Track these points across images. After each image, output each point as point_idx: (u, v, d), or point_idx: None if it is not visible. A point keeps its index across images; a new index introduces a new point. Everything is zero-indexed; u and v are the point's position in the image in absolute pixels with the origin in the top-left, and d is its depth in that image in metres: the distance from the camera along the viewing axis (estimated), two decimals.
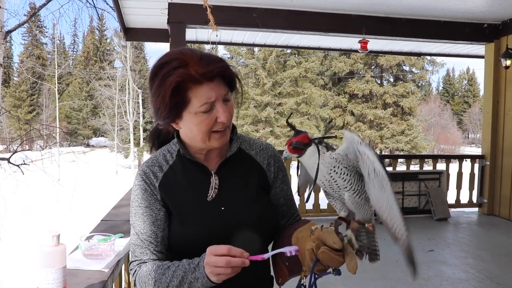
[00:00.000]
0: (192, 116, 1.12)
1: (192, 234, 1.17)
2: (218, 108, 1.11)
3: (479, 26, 6.06)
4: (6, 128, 29.08)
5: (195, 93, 1.09)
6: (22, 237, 11.90)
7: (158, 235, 1.19)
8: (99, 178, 24.16)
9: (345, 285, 3.64)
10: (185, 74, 1.08)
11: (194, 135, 1.16)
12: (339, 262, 1.02)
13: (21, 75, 40.96)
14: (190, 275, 1.07)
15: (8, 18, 9.84)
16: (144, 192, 1.20)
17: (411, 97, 30.56)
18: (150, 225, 1.18)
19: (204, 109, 1.10)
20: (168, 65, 1.10)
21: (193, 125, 1.14)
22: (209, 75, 1.08)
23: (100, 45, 44.01)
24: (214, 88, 1.10)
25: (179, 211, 1.19)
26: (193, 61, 1.09)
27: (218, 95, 1.11)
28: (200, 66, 1.08)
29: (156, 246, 1.19)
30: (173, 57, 1.11)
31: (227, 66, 1.14)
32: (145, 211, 1.19)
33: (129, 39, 7.03)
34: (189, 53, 1.11)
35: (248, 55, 30.44)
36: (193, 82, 1.08)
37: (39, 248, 1.07)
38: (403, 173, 6.35)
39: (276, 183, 1.30)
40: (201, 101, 1.09)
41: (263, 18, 5.40)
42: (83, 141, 43.00)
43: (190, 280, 1.07)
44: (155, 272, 1.13)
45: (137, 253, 1.20)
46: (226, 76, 1.13)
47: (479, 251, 4.74)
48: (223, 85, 1.12)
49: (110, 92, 30.21)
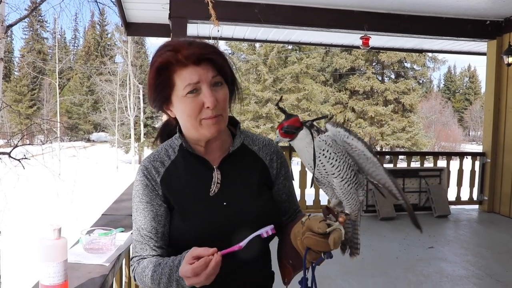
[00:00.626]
0: (179, 100, 1.13)
1: (194, 229, 1.16)
2: (204, 92, 1.11)
3: (481, 23, 6.04)
4: (7, 123, 29.12)
5: (179, 76, 1.11)
6: (22, 231, 11.93)
7: (158, 230, 1.19)
8: (99, 173, 24.20)
9: (345, 281, 3.65)
10: (171, 57, 1.10)
11: (185, 121, 1.16)
12: (325, 245, 1.01)
13: (22, 70, 40.96)
14: (175, 274, 1.09)
15: (9, 12, 9.82)
16: (145, 188, 1.19)
17: (412, 94, 30.54)
18: (150, 220, 1.18)
19: (188, 90, 1.10)
20: (160, 50, 1.14)
21: (181, 110, 1.14)
22: (193, 57, 1.10)
23: (101, 40, 43.98)
24: (200, 71, 1.10)
25: (181, 207, 1.19)
26: (182, 46, 1.11)
27: (203, 78, 1.11)
28: (187, 50, 1.10)
29: (156, 242, 1.19)
30: (168, 44, 1.15)
31: (214, 51, 1.14)
32: (146, 206, 1.19)
33: (130, 34, 7.02)
34: (182, 41, 1.14)
35: (249, 51, 30.38)
36: (179, 65, 1.11)
37: (40, 241, 1.07)
38: (404, 170, 6.34)
39: (279, 179, 1.30)
40: (184, 82, 1.10)
41: (265, 13, 5.38)
42: (84, 136, 43.05)
43: (176, 278, 1.08)
44: (149, 269, 1.14)
45: (138, 249, 1.20)
46: (215, 61, 1.13)
47: (479, 248, 4.75)
48: (211, 69, 1.12)
49: (111, 87, 30.19)
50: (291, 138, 1.07)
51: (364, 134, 29.99)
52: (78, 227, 2.34)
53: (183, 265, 1.04)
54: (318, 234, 1.01)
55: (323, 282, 3.63)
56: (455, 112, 47.04)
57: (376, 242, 4.76)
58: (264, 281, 1.32)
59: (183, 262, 1.05)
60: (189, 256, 1.04)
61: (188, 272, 1.02)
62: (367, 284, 3.65)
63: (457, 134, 40.05)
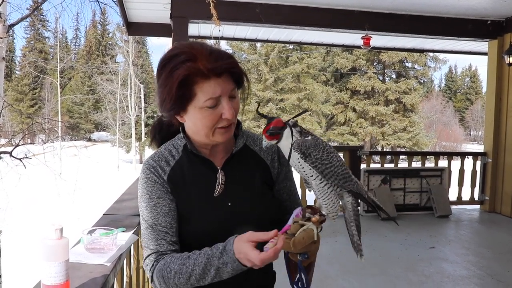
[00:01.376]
0: (197, 110, 1.11)
1: (199, 229, 1.17)
2: (223, 104, 1.11)
3: (482, 22, 6.03)
4: (9, 122, 29.14)
5: (201, 88, 1.09)
6: (24, 230, 11.94)
7: (173, 225, 1.18)
8: (100, 172, 24.20)
9: (346, 280, 3.65)
10: (193, 68, 1.07)
11: (198, 129, 1.16)
12: (288, 246, 1.03)
13: (23, 69, 41.00)
14: (216, 261, 1.05)
15: (11, 12, 9.82)
16: (154, 184, 1.19)
17: (413, 93, 30.52)
18: (164, 215, 1.17)
19: (209, 104, 1.09)
20: (177, 57, 1.10)
21: (198, 120, 1.13)
22: (217, 71, 1.08)
23: (102, 40, 43.98)
24: (221, 84, 1.09)
25: (186, 207, 1.19)
26: (202, 55, 1.08)
27: (225, 91, 1.10)
28: (208, 61, 1.08)
29: (172, 237, 1.17)
30: (183, 50, 1.10)
31: (236, 63, 1.13)
32: (158, 202, 1.18)
33: (131, 34, 7.03)
34: (199, 48, 1.10)
35: (251, 51, 30.40)
36: (201, 76, 1.08)
37: (42, 241, 1.07)
38: (405, 169, 6.34)
39: (280, 179, 1.31)
40: (206, 95, 1.09)
41: (266, 13, 5.38)
42: (85, 136, 43.07)
43: (218, 265, 1.05)
44: (174, 263, 1.11)
45: (152, 246, 1.17)
46: (234, 72, 1.12)
47: (480, 248, 4.74)
48: (230, 81, 1.11)
49: (112, 87, 30.19)
50: (278, 140, 1.08)
51: (365, 134, 30.00)
52: (79, 226, 2.34)
53: (247, 251, 1.01)
54: (288, 235, 1.03)
55: (323, 281, 3.64)
56: (456, 112, 46.98)
57: (377, 242, 4.76)
58: (265, 281, 1.32)
59: (246, 247, 1.01)
60: (247, 240, 1.02)
61: (256, 259, 0.99)
62: (368, 283, 3.65)
63: (458, 134, 39.99)
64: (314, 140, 1.08)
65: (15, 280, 7.92)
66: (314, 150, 1.05)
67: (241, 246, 1.02)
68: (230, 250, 1.04)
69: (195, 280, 1.09)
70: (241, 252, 1.02)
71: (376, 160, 17.47)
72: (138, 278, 2.03)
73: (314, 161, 1.05)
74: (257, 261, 0.99)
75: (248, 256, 1.01)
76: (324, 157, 1.06)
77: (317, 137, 1.11)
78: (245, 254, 1.01)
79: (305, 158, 1.05)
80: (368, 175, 6.02)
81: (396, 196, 6.07)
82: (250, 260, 1.01)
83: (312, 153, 1.05)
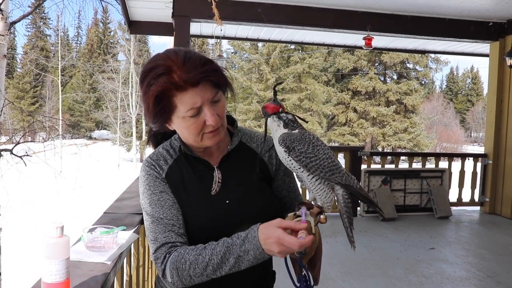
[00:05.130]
0: (180, 120, 1.12)
1: (197, 228, 1.18)
2: (205, 112, 1.10)
3: (484, 24, 6.03)
4: (9, 120, 29.16)
5: (180, 100, 1.09)
6: (24, 228, 11.95)
7: (179, 217, 1.18)
8: (101, 171, 24.21)
9: (346, 281, 3.65)
10: (168, 82, 1.07)
11: (186, 137, 1.17)
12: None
13: (24, 67, 41.05)
14: (237, 249, 1.04)
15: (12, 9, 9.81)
16: (156, 179, 1.20)
17: (414, 95, 30.51)
18: (169, 208, 1.17)
19: (190, 114, 1.10)
20: (153, 71, 1.10)
21: (183, 128, 1.14)
22: (192, 81, 1.07)
23: (104, 38, 43.99)
24: (199, 93, 1.09)
25: (184, 205, 1.20)
26: (177, 65, 1.07)
27: (205, 99, 1.09)
28: (183, 72, 1.07)
29: (180, 228, 1.17)
30: (158, 63, 1.10)
31: (212, 69, 1.10)
32: (161, 196, 1.19)
33: (133, 32, 7.03)
34: (174, 58, 1.09)
35: (252, 50, 30.42)
36: (177, 89, 1.07)
37: (43, 239, 1.07)
38: (405, 170, 6.34)
39: (278, 175, 1.31)
40: (186, 107, 1.09)
41: (268, 13, 5.38)
42: (86, 134, 43.09)
43: (238, 254, 1.04)
44: (189, 254, 1.09)
45: (161, 238, 1.15)
46: (212, 80, 1.11)
47: (480, 249, 4.74)
48: (209, 88, 1.10)
49: (113, 85, 30.23)
50: (265, 119, 1.14)
51: (366, 135, 30.00)
52: (79, 225, 2.34)
53: (283, 235, 0.99)
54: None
55: (324, 282, 3.64)
56: (457, 113, 46.96)
57: (377, 242, 4.76)
58: (265, 280, 1.32)
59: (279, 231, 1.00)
60: (278, 225, 1.02)
61: (295, 244, 0.97)
62: (368, 284, 3.64)
63: (459, 135, 39.96)
64: (301, 134, 1.09)
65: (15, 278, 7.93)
66: (298, 144, 1.07)
67: (271, 231, 1.01)
68: (254, 237, 1.03)
69: (211, 271, 1.07)
70: (271, 237, 1.00)
71: (376, 161, 17.49)
72: (138, 277, 2.03)
73: (298, 155, 1.06)
74: (296, 245, 0.98)
75: (284, 240, 0.99)
76: (309, 150, 1.07)
77: (304, 129, 1.12)
78: (279, 239, 0.99)
79: (289, 152, 1.07)
80: (369, 176, 6.02)
81: (396, 197, 6.07)
82: (283, 245, 0.99)
83: (296, 146, 1.07)
